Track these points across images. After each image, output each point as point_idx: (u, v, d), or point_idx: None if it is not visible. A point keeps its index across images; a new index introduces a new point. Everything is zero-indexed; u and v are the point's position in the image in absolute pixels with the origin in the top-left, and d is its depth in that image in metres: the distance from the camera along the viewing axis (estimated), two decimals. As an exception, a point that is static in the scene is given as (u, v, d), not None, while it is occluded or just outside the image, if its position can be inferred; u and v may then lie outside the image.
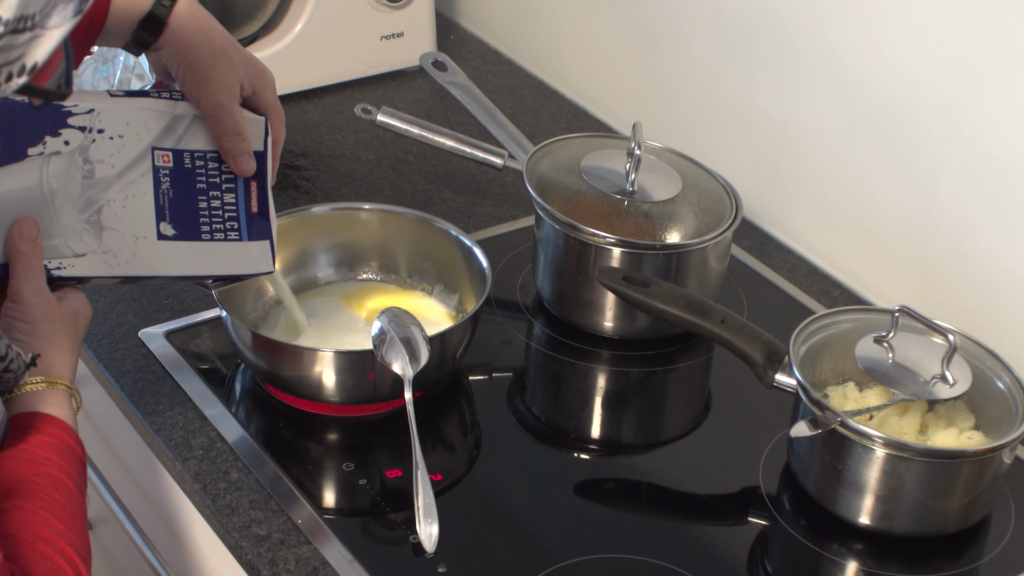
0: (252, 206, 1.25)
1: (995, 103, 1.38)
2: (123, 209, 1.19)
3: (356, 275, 1.46)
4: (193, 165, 1.23)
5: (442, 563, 1.18)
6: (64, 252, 1.15)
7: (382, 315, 1.29)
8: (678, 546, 1.24)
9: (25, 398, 1.06)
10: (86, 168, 1.17)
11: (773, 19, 1.59)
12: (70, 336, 1.13)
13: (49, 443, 1.04)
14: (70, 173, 1.16)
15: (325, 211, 1.46)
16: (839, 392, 1.29)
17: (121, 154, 1.20)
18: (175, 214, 1.21)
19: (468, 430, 1.38)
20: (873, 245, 1.55)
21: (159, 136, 1.22)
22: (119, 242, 1.18)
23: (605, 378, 1.45)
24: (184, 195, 1.22)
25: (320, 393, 1.30)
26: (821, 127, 1.57)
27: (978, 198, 1.42)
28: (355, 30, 1.87)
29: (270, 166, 1.27)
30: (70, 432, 1.07)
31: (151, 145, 1.21)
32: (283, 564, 1.19)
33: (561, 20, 1.92)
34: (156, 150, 1.21)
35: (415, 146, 1.75)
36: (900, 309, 1.26)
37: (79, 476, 1.06)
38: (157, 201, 1.21)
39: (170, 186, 1.21)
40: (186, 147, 1.23)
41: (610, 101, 1.86)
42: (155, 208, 1.20)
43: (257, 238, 1.25)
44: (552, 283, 1.47)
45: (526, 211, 1.63)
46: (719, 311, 1.32)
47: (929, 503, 1.23)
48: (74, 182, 1.17)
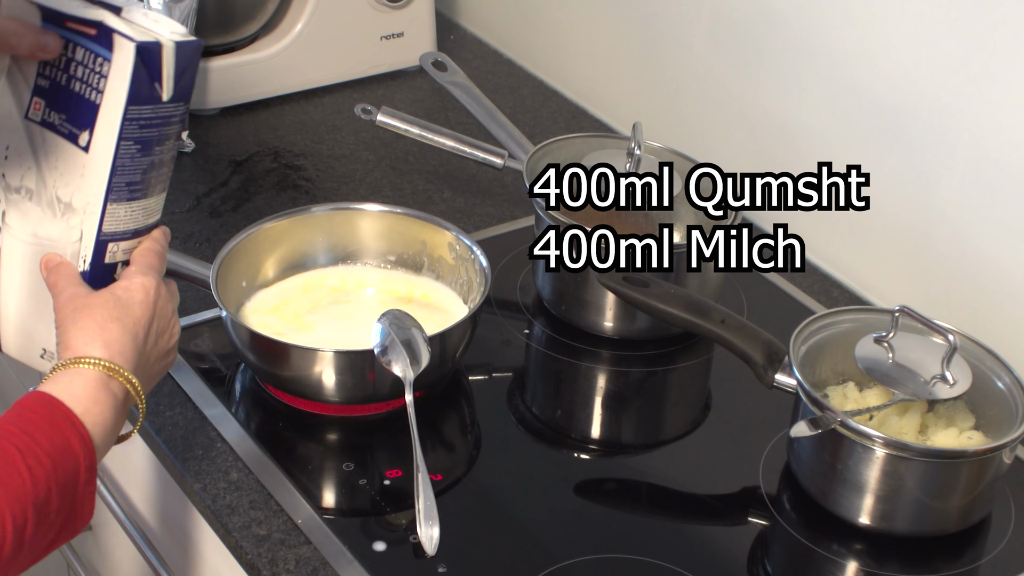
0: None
1: (995, 103, 1.38)
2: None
3: (356, 275, 1.47)
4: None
5: (442, 563, 1.18)
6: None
7: (383, 317, 1.29)
8: (678, 546, 1.24)
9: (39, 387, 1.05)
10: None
11: (773, 19, 1.59)
12: (97, 317, 1.07)
13: (11, 416, 1.01)
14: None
15: (325, 211, 1.46)
16: (839, 392, 1.29)
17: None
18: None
19: (468, 430, 1.38)
20: (873, 245, 1.55)
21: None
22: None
23: (605, 378, 1.45)
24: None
25: (320, 393, 1.30)
26: (821, 127, 1.57)
27: (978, 198, 1.42)
28: (355, 30, 1.87)
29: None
30: (48, 402, 1.02)
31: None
32: (283, 564, 1.19)
33: (561, 20, 1.92)
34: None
35: (415, 146, 1.75)
36: (900, 309, 1.26)
37: (42, 444, 0.99)
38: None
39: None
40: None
41: (610, 101, 1.87)
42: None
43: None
44: (552, 283, 1.47)
45: (526, 211, 1.63)
46: (719, 311, 1.32)
47: (929, 503, 1.23)
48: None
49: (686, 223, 1.46)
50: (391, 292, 1.44)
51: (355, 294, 1.44)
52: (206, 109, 1.80)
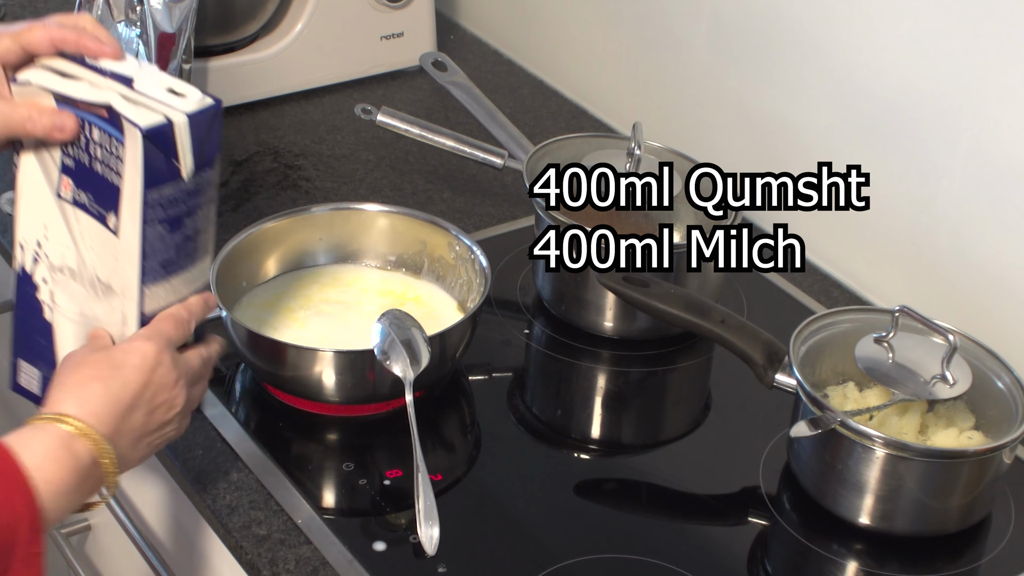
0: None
1: (995, 103, 1.38)
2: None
3: (356, 275, 1.47)
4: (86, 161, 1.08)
5: (442, 563, 1.18)
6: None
7: (383, 317, 1.29)
8: (678, 546, 1.24)
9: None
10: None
11: (773, 19, 1.59)
12: (82, 375, 1.03)
13: None
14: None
15: (325, 211, 1.46)
16: (839, 392, 1.29)
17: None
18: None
19: (468, 430, 1.38)
20: (873, 245, 1.55)
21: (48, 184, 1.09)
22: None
23: (605, 378, 1.45)
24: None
25: (320, 393, 1.30)
26: (821, 127, 1.57)
27: (978, 198, 1.42)
28: (355, 30, 1.87)
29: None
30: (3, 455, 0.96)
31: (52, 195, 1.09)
32: (283, 564, 1.19)
33: (561, 20, 1.92)
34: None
35: (415, 146, 1.75)
36: (900, 309, 1.26)
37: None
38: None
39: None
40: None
41: (610, 101, 1.86)
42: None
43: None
44: (552, 283, 1.47)
45: (526, 211, 1.63)
46: (719, 311, 1.32)
47: (929, 503, 1.23)
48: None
49: (686, 223, 1.46)
50: (391, 292, 1.44)
51: (355, 294, 1.44)
52: (206, 109, 1.80)
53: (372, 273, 1.46)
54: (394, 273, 1.46)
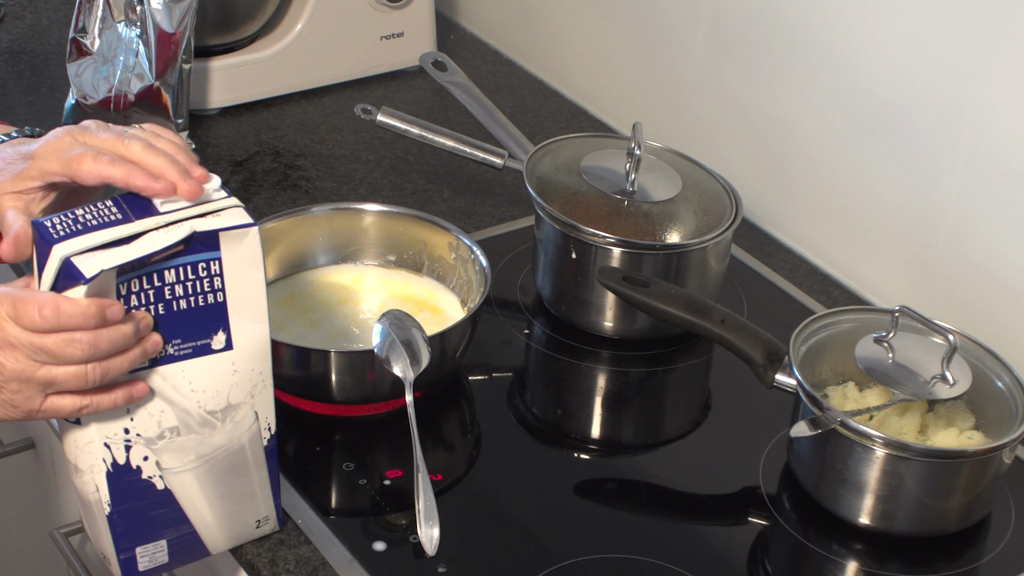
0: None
1: (995, 103, 1.38)
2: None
3: (356, 275, 1.47)
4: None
5: (442, 563, 1.18)
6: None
7: (383, 317, 1.29)
8: (678, 546, 1.24)
9: None
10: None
11: (773, 19, 1.59)
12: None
13: None
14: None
15: (325, 211, 1.46)
16: (839, 392, 1.29)
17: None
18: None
19: (468, 430, 1.38)
20: (873, 245, 1.55)
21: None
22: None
23: (605, 378, 1.45)
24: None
25: (320, 393, 1.30)
26: (821, 127, 1.57)
27: (978, 198, 1.42)
28: (355, 30, 1.87)
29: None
30: None
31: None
32: (283, 564, 1.19)
33: (561, 20, 1.92)
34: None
35: (415, 146, 1.75)
36: (900, 309, 1.26)
37: None
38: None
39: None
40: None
41: (610, 101, 1.86)
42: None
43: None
44: (552, 283, 1.47)
45: (526, 211, 1.63)
46: (719, 311, 1.32)
47: (929, 503, 1.23)
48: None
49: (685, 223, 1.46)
50: (391, 292, 1.44)
51: (355, 294, 1.44)
52: (206, 109, 1.80)
53: (372, 273, 1.46)
54: (394, 273, 1.46)
